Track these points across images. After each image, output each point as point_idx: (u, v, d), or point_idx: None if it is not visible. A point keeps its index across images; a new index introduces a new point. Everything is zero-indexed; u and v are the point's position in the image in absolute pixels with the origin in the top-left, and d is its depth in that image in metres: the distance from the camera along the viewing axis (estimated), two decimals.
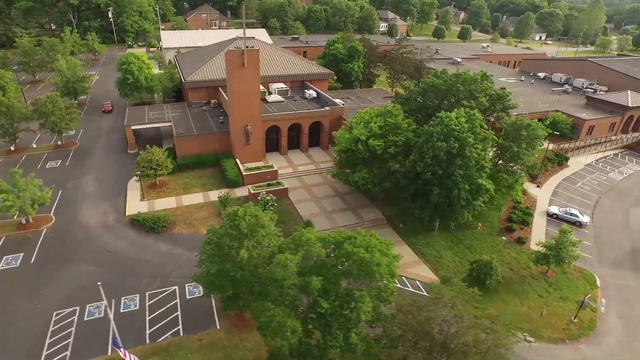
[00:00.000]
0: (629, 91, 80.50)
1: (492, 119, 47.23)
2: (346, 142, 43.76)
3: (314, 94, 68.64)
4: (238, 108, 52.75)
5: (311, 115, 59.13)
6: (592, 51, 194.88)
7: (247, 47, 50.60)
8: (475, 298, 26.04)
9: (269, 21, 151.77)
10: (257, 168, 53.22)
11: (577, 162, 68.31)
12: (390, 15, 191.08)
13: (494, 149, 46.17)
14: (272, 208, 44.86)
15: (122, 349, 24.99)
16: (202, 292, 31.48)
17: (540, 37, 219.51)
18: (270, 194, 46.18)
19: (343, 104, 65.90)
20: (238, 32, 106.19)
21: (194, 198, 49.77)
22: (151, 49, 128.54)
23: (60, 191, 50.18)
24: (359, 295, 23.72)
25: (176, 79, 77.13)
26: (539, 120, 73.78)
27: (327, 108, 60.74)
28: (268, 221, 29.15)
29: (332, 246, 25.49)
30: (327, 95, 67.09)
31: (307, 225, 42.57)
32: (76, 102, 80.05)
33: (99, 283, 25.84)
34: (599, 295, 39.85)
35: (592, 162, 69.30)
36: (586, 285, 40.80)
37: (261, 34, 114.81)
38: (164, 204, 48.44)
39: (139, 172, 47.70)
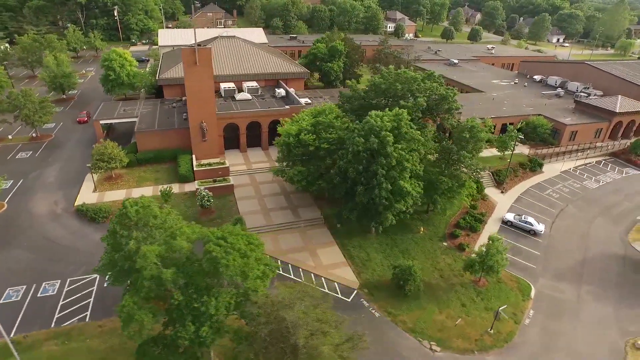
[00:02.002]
0: (619, 96, 76.64)
1: (438, 120, 46.12)
2: (283, 136, 44.01)
3: (283, 93, 68.97)
4: (193, 105, 53.74)
5: (269, 114, 59.44)
6: (612, 54, 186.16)
7: (199, 45, 51.48)
8: (324, 303, 25.15)
9: (271, 20, 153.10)
10: (209, 164, 54.08)
11: (552, 169, 65.69)
12: (399, 15, 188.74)
13: (435, 152, 45.26)
14: (208, 203, 45.53)
15: None
16: None
17: (558, 40, 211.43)
18: (207, 190, 46.80)
19: (309, 103, 65.93)
20: (238, 31, 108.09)
21: (144, 191, 51.00)
22: (153, 47, 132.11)
23: (21, 180, 52.60)
24: (215, 290, 23.92)
25: None
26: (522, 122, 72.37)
27: (287, 107, 60.92)
28: (163, 213, 29.81)
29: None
30: (294, 94, 67.25)
31: (236, 222, 43.00)
32: (64, 96, 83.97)
33: None
34: (529, 307, 38.30)
35: (570, 169, 66.49)
36: (518, 296, 39.32)
37: (258, 33, 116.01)
38: (114, 196, 49.95)
39: (89, 165, 49.36)
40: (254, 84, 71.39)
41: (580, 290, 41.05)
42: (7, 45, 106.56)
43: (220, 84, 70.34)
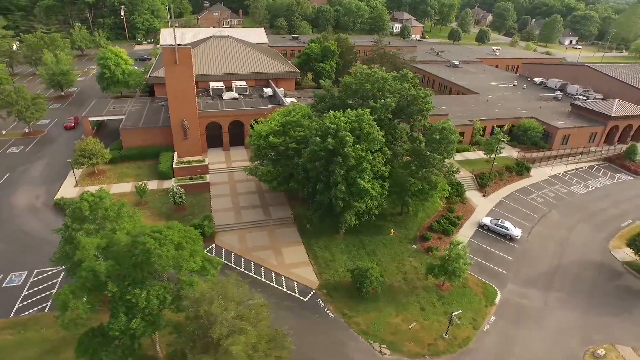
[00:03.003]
0: (616, 100, 74.50)
1: (411, 121, 45.73)
2: (255, 136, 44.38)
3: (271, 92, 69.38)
4: (174, 103, 54.59)
5: (249, 113, 59.89)
6: (626, 57, 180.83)
7: (179, 45, 52.25)
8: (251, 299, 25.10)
9: (276, 20, 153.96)
10: (189, 162, 54.84)
11: (541, 173, 64.28)
12: (406, 16, 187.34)
13: (405, 153, 44.90)
14: (180, 200, 46.18)
15: None
16: None
17: (571, 42, 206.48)
18: (180, 187, 47.45)
19: (295, 102, 66.04)
20: (238, 31, 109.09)
21: (123, 187, 52.11)
22: (157, 46, 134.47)
23: (8, 174, 54.34)
24: (148, 283, 24.36)
25: None
26: (512, 126, 71.11)
27: (269, 106, 61.27)
28: (116, 206, 30.54)
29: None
30: (280, 94, 67.59)
31: (204, 219, 43.58)
32: (62, 93, 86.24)
33: None
34: (491, 313, 37.61)
35: (559, 173, 64.95)
36: (482, 301, 38.65)
37: (259, 33, 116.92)
38: (93, 191, 50.93)
39: (69, 160, 50.65)
40: (242, 83, 72.04)
41: (549, 297, 40.13)
42: (16, 43, 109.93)
43: (210, 83, 71.33)
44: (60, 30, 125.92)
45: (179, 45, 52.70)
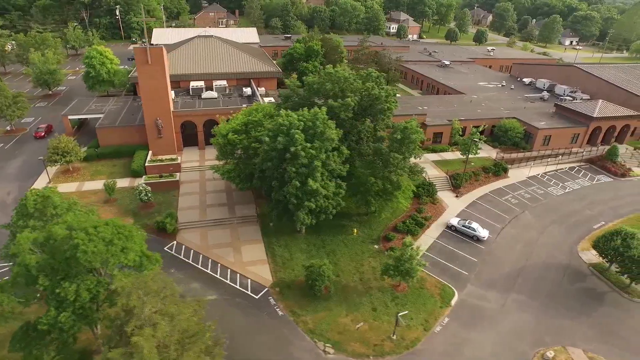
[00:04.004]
0: (600, 100, 73.65)
1: (373, 121, 45.63)
2: (218, 135, 44.67)
3: (250, 92, 69.68)
4: (147, 102, 55.07)
5: (222, 112, 60.10)
6: (626, 58, 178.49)
7: (152, 44, 52.68)
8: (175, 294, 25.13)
9: (271, 20, 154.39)
10: (161, 160, 55.28)
11: (520, 174, 63.72)
12: (403, 16, 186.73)
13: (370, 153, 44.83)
14: (146, 198, 46.56)
15: None
16: None
17: (572, 42, 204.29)
18: (146, 184, 47.87)
19: (273, 101, 66.22)
20: (230, 31, 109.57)
21: (95, 184, 52.68)
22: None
23: None
24: (80, 277, 24.68)
25: None
26: (493, 126, 70.59)
27: (244, 106, 61.45)
28: (65, 203, 30.97)
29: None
30: (258, 94, 67.88)
31: (167, 216, 43.91)
32: (50, 92, 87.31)
33: None
34: (445, 314, 37.38)
35: (538, 174, 64.32)
36: (437, 302, 38.43)
37: (251, 33, 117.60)
38: (66, 188, 51.71)
39: (41, 158, 51.33)
40: (223, 82, 72.43)
41: (508, 299, 39.80)
42: (12, 42, 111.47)
43: (190, 82, 71.84)
44: (56, 30, 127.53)
45: (151, 45, 53.09)
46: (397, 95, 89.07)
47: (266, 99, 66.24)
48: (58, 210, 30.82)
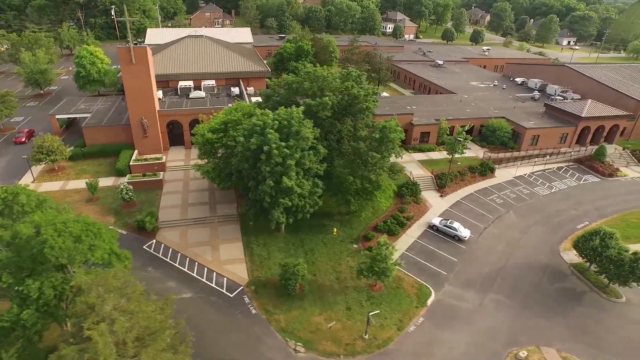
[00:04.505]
0: (589, 100, 73.45)
1: (353, 120, 45.63)
2: (198, 135, 44.80)
3: (238, 92, 69.78)
4: (132, 102, 55.24)
5: (207, 112, 60.17)
6: (624, 58, 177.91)
7: (136, 44, 52.83)
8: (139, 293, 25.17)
9: (266, 20, 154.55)
10: (146, 159, 55.40)
11: (506, 174, 63.61)
12: (400, 16, 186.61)
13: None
14: (127, 196, 46.66)
15: None
16: None
17: (569, 42, 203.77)
18: (128, 183, 47.99)
19: (260, 101, 66.30)
20: (224, 31, 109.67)
21: (79, 184, 52.80)
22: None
23: None
24: (45, 274, 24.78)
25: None
26: (482, 126, 70.48)
27: (229, 105, 61.47)
28: (33, 201, 31.07)
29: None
30: (246, 93, 67.98)
31: (147, 215, 44.02)
32: (42, 92, 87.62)
33: None
34: (420, 314, 37.31)
35: (525, 174, 64.19)
36: (413, 302, 38.35)
37: (245, 33, 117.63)
38: (50, 187, 51.96)
39: (24, 157, 51.53)
40: (211, 82, 72.58)
41: (485, 299, 39.72)
42: (8, 42, 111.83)
43: (179, 82, 71.99)
44: (52, 30, 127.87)
45: (135, 44, 53.21)
46: (386, 95, 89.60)
47: (254, 99, 66.26)
48: (26, 208, 30.94)
